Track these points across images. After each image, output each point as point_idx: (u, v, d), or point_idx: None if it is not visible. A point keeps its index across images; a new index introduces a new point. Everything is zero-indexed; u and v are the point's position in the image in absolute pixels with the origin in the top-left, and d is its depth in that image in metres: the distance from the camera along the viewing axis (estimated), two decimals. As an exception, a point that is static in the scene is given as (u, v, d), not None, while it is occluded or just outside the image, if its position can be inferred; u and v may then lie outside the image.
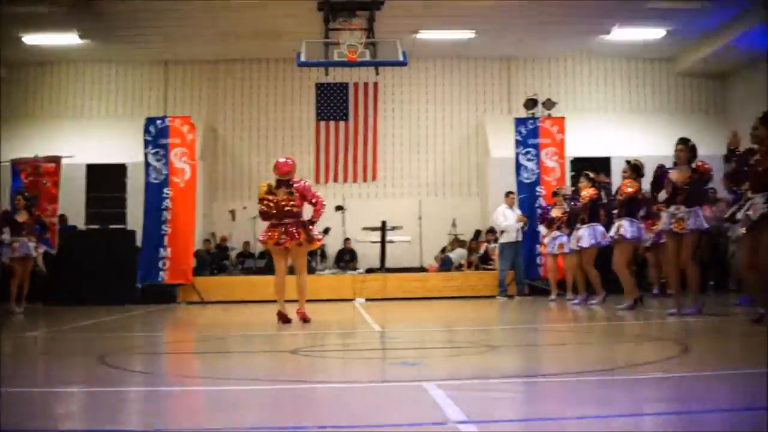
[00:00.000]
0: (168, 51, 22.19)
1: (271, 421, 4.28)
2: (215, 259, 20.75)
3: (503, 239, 17.83)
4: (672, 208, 10.69)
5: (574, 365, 6.51)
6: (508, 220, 17.63)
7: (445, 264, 20.36)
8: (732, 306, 12.65)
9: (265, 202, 11.02)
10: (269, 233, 11.01)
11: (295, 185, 11.04)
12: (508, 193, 18.18)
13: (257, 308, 14.92)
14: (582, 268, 14.42)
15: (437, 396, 4.60)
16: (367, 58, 18.26)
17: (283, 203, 10.93)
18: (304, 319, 10.90)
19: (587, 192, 14.01)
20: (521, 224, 17.49)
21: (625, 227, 12.37)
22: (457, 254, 20.82)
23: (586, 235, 14.02)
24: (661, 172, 10.88)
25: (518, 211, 17.73)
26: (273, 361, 7.27)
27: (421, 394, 4.77)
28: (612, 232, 12.66)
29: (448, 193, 23.49)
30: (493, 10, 19.49)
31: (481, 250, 20.52)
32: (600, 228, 13.88)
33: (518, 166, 18.93)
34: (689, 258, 10.75)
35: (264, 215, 11.13)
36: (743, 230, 9.27)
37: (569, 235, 14.90)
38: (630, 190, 12.34)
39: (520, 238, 17.72)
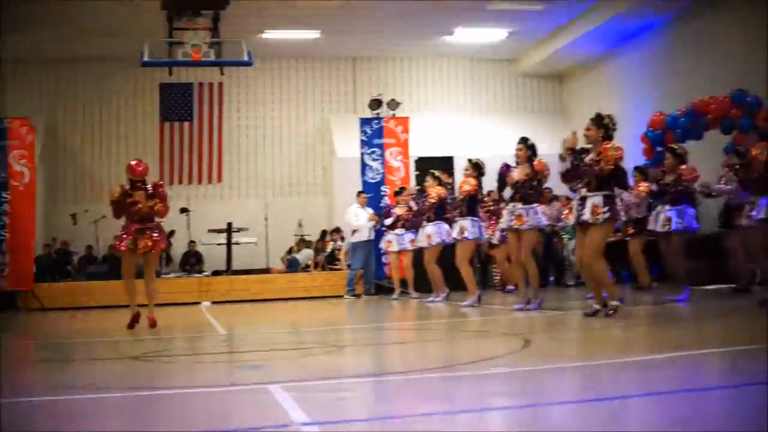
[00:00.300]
0: (5, 49, 21.46)
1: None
2: (57, 264, 20.18)
3: (355, 238, 17.89)
4: (510, 206, 10.95)
5: (418, 363, 6.57)
6: (359, 219, 17.70)
7: (291, 265, 20.31)
8: (578, 300, 12.97)
9: (132, 204, 10.66)
10: (128, 237, 10.65)
11: (157, 188, 10.83)
12: (360, 193, 18.26)
13: (102, 314, 14.59)
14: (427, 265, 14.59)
15: (282, 398, 4.58)
16: (212, 57, 18.02)
17: (149, 206, 10.67)
18: (153, 324, 10.67)
19: (435, 190, 14.15)
20: (373, 223, 17.58)
21: (467, 227, 12.56)
22: (304, 255, 20.78)
23: (434, 233, 14.19)
24: (504, 171, 11.12)
25: (370, 211, 17.82)
26: (116, 367, 7.11)
27: (265, 397, 4.74)
28: (455, 233, 12.83)
29: (294, 193, 23.45)
30: (338, 11, 19.53)
31: (328, 250, 20.54)
32: (446, 226, 14.07)
33: (363, 166, 19.06)
34: (529, 254, 11.00)
35: (128, 217, 10.78)
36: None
37: (416, 232, 15.11)
38: (468, 188, 12.49)
39: (372, 237, 17.82)
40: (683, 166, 11.58)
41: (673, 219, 11.32)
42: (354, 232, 17.86)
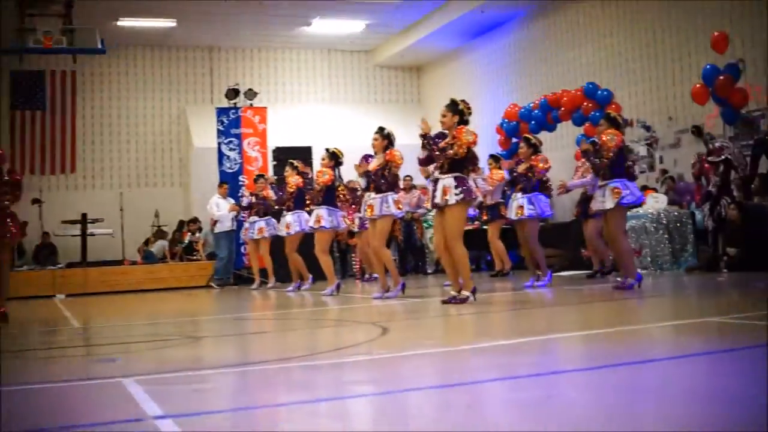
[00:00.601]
0: None
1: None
2: None
3: (218, 229, 17.76)
4: (366, 195, 11.03)
5: (277, 353, 6.56)
6: (221, 209, 17.58)
7: (147, 258, 19.99)
8: (437, 288, 13.13)
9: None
10: None
11: (14, 176, 10.45)
12: (222, 183, 18.11)
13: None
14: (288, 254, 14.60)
15: (136, 392, 4.50)
16: (64, 45, 17.64)
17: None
18: (2, 318, 10.35)
19: (294, 180, 14.15)
20: (234, 213, 17.44)
21: (323, 216, 12.57)
22: (158, 246, 20.49)
23: (293, 222, 14.19)
24: (364, 160, 11.17)
25: (231, 201, 17.68)
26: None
27: (119, 391, 4.65)
28: (312, 222, 12.82)
29: (150, 183, 23.12)
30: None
31: (186, 241, 20.29)
32: (305, 215, 14.08)
33: (221, 156, 18.88)
34: (381, 243, 11.07)
35: None
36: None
37: (268, 221, 15.23)
38: (326, 177, 12.51)
39: (234, 227, 17.71)
40: (537, 156, 11.86)
41: (526, 206, 11.58)
42: (216, 222, 17.71)
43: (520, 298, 10.21)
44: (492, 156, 14.27)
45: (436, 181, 9.34)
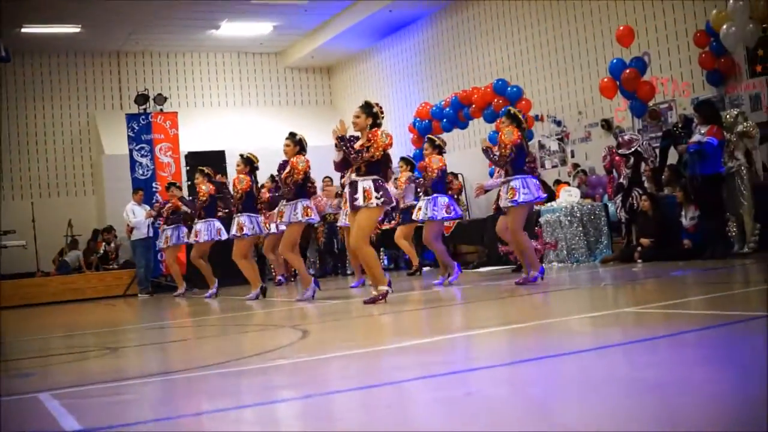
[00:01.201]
0: None
1: None
2: None
3: (134, 236, 17.56)
4: (281, 202, 11.06)
5: (199, 360, 6.50)
6: (137, 216, 17.38)
7: (62, 268, 19.67)
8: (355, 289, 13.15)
9: None
10: None
11: None
12: (137, 190, 17.91)
13: None
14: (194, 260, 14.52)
15: (52, 407, 4.42)
16: (-34, 54, 17.27)
17: None
18: None
19: (205, 188, 14.07)
20: (150, 220, 17.25)
21: (245, 224, 12.49)
22: (72, 257, 20.17)
23: (203, 230, 14.12)
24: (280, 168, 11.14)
25: (147, 207, 17.48)
26: None
27: (36, 406, 4.57)
28: (234, 230, 12.71)
29: (62, 192, 22.75)
30: (98, 4, 19.03)
31: (101, 250, 20.02)
32: (216, 223, 14.08)
33: (133, 163, 18.66)
34: (286, 248, 11.09)
35: None
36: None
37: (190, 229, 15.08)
38: (244, 184, 12.43)
39: (151, 234, 17.51)
40: (431, 157, 11.85)
41: (429, 208, 11.61)
42: (132, 230, 17.50)
43: (435, 296, 10.27)
44: (403, 158, 14.28)
45: (352, 183, 9.34)
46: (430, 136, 13.28)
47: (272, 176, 14.45)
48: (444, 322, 7.73)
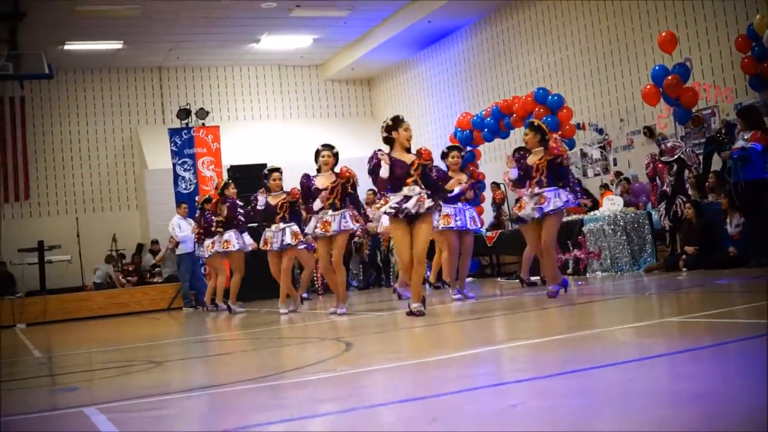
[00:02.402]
0: None
1: None
2: None
3: (180, 250, 17.64)
4: (321, 213, 10.99)
5: (241, 373, 6.52)
6: (183, 230, 17.47)
7: (97, 284, 19.72)
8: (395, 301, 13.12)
9: None
10: None
11: None
12: (180, 203, 18.00)
13: None
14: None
15: (98, 421, 4.45)
16: (10, 71, 17.50)
17: None
18: None
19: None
20: (195, 234, 17.30)
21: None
22: (100, 273, 20.04)
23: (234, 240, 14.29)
24: (304, 182, 11.08)
25: (191, 221, 17.55)
26: None
27: (82, 420, 4.60)
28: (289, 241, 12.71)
29: (106, 207, 22.93)
30: (139, 21, 19.22)
31: (148, 264, 20.15)
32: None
33: (176, 177, 18.77)
34: (341, 259, 11.06)
35: None
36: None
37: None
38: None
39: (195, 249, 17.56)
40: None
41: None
42: (178, 244, 17.59)
43: (477, 308, 10.22)
44: None
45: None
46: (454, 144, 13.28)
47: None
48: (486, 333, 7.71)
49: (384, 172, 9.12)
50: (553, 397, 4.09)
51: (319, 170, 10.93)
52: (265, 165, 18.95)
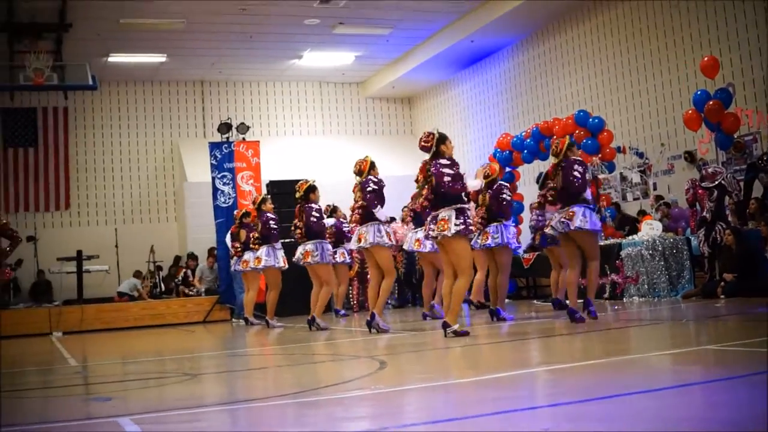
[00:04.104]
0: None
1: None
2: None
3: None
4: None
5: (276, 388, 6.54)
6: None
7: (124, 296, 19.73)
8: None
9: None
10: None
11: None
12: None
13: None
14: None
15: (132, 432, 4.51)
16: (55, 81, 17.70)
17: None
18: None
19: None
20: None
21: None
22: (129, 285, 19.97)
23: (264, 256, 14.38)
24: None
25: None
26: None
27: (115, 431, 4.64)
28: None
29: (145, 219, 23.07)
30: (184, 35, 19.37)
31: (180, 276, 20.24)
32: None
33: (215, 191, 18.85)
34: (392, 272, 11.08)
35: None
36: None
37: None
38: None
39: None
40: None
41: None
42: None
43: (513, 330, 10.18)
44: None
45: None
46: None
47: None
48: (522, 355, 7.68)
49: (476, 184, 9.29)
50: (586, 422, 4.07)
51: None
52: (305, 180, 18.97)
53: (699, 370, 5.55)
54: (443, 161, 9.25)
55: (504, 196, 11.67)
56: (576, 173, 9.79)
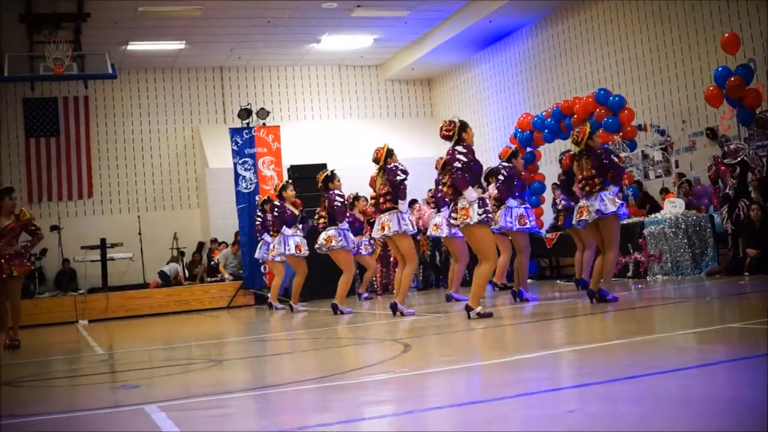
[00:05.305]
0: None
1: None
2: None
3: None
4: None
5: (301, 373, 6.57)
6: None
7: (162, 278, 19.92)
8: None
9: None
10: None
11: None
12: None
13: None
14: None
15: (159, 419, 4.52)
16: (75, 71, 17.77)
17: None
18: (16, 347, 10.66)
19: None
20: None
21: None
22: (171, 268, 20.26)
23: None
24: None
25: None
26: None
27: (142, 419, 4.67)
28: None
29: (167, 206, 23.15)
30: (201, 21, 19.38)
31: (216, 259, 20.24)
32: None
33: (236, 176, 18.89)
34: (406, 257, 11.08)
35: None
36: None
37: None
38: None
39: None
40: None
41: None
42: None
43: (536, 311, 10.18)
44: None
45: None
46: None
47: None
48: (545, 336, 7.68)
49: (473, 196, 9.21)
50: (610, 403, 4.08)
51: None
52: (324, 165, 19.06)
53: (723, 349, 5.54)
54: (459, 148, 9.24)
55: (498, 176, 11.73)
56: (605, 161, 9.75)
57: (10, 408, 5.85)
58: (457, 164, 9.13)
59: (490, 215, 9.20)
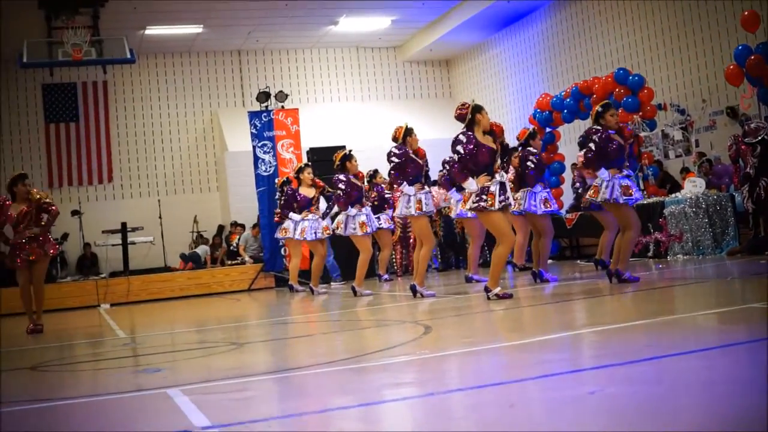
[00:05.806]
0: None
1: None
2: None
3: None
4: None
5: (322, 356, 6.59)
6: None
7: (194, 260, 20.03)
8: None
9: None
10: (20, 253, 10.68)
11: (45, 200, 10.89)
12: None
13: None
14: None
15: (182, 402, 4.55)
16: (93, 56, 17.86)
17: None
18: (39, 331, 10.77)
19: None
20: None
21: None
22: (201, 250, 20.65)
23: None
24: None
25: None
26: (12, 379, 6.94)
27: (164, 402, 4.70)
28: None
29: (187, 189, 23.21)
30: (219, 4, 19.38)
31: (235, 242, 20.35)
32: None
33: (256, 159, 18.92)
34: (422, 238, 11.09)
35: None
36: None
37: None
38: None
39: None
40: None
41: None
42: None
43: (556, 292, 10.17)
44: None
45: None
46: None
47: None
48: (565, 318, 7.68)
49: (473, 188, 9.11)
50: (631, 385, 4.08)
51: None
52: (344, 147, 19.01)
53: (745, 329, 5.53)
54: (461, 138, 9.15)
55: (528, 164, 11.70)
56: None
57: (35, 392, 5.91)
58: (454, 156, 9.10)
59: (510, 200, 9.23)
